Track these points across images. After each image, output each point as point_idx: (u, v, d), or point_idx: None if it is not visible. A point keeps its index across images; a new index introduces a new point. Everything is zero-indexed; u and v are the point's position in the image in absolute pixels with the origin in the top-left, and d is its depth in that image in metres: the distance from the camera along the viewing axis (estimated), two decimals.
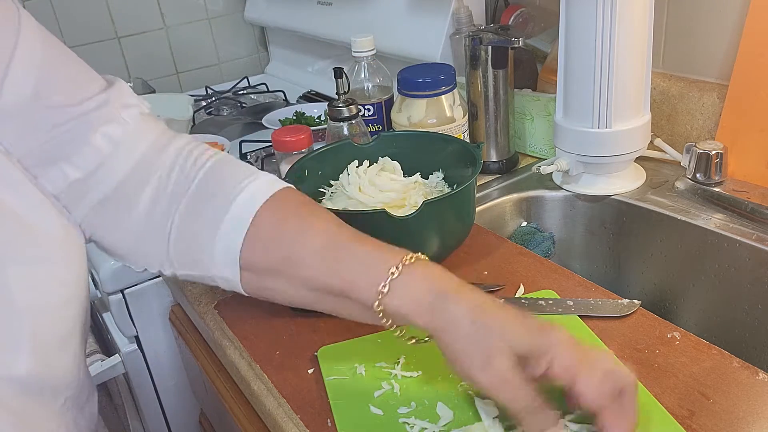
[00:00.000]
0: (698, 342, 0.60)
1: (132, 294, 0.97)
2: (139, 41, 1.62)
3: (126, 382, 1.05)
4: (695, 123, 0.92)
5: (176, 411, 1.09)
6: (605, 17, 0.78)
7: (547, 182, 0.95)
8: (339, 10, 1.37)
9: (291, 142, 0.93)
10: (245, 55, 1.78)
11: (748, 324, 0.78)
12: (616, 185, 0.89)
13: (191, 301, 0.79)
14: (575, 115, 0.86)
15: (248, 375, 0.65)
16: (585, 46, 0.81)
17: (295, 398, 0.60)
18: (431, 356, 0.62)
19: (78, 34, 1.54)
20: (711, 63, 0.90)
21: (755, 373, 0.56)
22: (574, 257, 0.95)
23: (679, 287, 0.85)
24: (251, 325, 0.71)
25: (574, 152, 0.87)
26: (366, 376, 0.60)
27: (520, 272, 0.73)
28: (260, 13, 1.66)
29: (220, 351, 0.71)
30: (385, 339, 0.65)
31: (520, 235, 0.93)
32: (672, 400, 0.54)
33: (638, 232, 0.87)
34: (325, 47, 1.51)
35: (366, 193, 0.78)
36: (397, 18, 1.20)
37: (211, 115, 1.48)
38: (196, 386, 1.00)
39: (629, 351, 0.60)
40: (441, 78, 0.92)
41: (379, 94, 1.02)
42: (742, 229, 0.77)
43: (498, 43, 0.91)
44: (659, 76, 0.95)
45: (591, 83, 0.82)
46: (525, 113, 1.01)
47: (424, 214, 0.69)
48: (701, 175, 0.85)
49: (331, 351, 0.64)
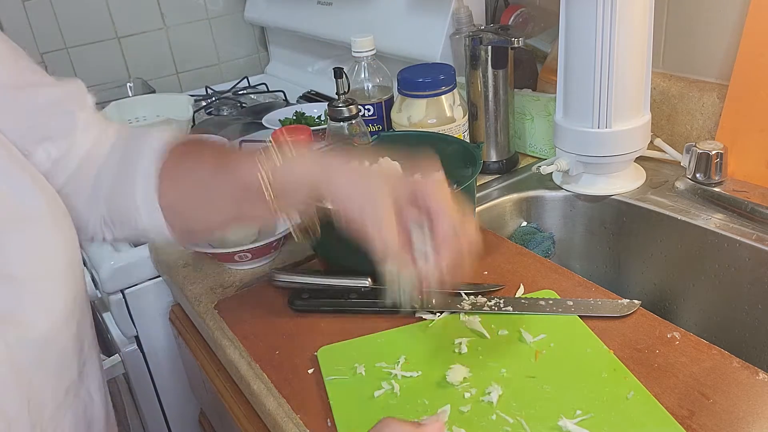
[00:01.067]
0: (698, 342, 0.60)
1: (132, 294, 0.96)
2: (139, 41, 1.62)
3: (126, 382, 1.05)
4: (695, 123, 0.92)
5: (176, 411, 1.09)
6: (605, 17, 0.78)
7: (547, 182, 0.95)
8: (339, 10, 1.37)
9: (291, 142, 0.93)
10: (245, 55, 1.78)
11: (748, 324, 0.78)
12: (616, 185, 0.89)
13: (191, 301, 0.79)
14: (575, 115, 0.86)
15: (248, 375, 0.65)
16: (585, 46, 0.81)
17: (295, 398, 0.60)
18: (431, 356, 0.62)
19: (78, 34, 1.54)
20: (711, 63, 0.90)
21: (755, 373, 0.56)
22: (574, 257, 0.95)
23: (679, 287, 0.85)
24: (251, 324, 0.71)
25: (574, 152, 0.87)
26: (366, 376, 0.60)
27: (520, 272, 0.73)
28: (260, 13, 1.66)
29: (220, 351, 0.71)
30: (385, 339, 0.65)
31: (520, 235, 0.93)
32: (672, 399, 0.54)
33: (638, 232, 0.87)
34: (325, 47, 1.51)
35: None
36: (397, 18, 1.20)
37: (211, 115, 1.48)
38: (196, 386, 1.00)
39: (629, 351, 0.60)
40: (441, 78, 0.92)
41: (379, 94, 1.02)
42: (742, 229, 0.77)
43: (498, 43, 0.91)
44: (659, 76, 0.95)
45: (591, 83, 0.82)
46: (525, 113, 1.01)
47: None
48: (701, 175, 0.85)
49: (331, 351, 0.64)
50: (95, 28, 1.55)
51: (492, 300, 0.68)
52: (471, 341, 0.63)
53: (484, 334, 0.64)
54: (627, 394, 0.55)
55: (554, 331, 0.63)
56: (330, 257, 0.76)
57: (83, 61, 1.55)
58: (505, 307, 0.67)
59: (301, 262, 0.84)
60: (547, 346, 0.62)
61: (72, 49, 1.54)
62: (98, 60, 1.57)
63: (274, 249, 0.84)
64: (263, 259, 0.83)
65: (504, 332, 0.64)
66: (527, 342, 0.62)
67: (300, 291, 0.72)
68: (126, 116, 1.33)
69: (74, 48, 1.54)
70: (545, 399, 0.55)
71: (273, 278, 0.73)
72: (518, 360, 0.60)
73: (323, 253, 0.77)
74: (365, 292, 0.70)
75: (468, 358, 0.61)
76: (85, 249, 1.02)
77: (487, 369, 0.60)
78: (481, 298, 0.69)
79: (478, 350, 0.62)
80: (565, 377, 0.58)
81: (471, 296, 0.69)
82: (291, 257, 0.85)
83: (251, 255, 0.81)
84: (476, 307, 0.67)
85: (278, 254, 0.86)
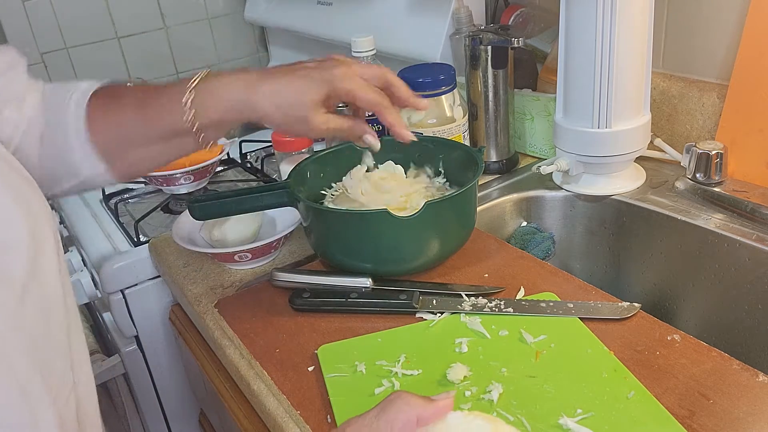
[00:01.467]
0: (698, 344, 0.60)
1: (132, 294, 0.96)
2: (139, 41, 1.62)
3: (126, 382, 1.05)
4: (695, 123, 0.92)
5: (176, 411, 1.09)
6: (605, 17, 0.78)
7: (547, 182, 0.95)
8: (339, 10, 1.37)
9: (291, 143, 0.94)
10: (245, 55, 1.78)
11: (748, 324, 0.78)
12: (616, 185, 0.89)
13: (191, 300, 0.79)
14: (575, 115, 0.86)
15: (248, 374, 0.65)
16: (585, 46, 0.81)
17: (295, 395, 0.60)
18: (431, 355, 0.62)
19: (78, 34, 1.54)
20: (711, 63, 0.90)
21: (755, 375, 0.56)
22: (574, 257, 0.96)
23: (679, 287, 0.85)
24: (251, 323, 0.71)
25: (574, 152, 0.87)
26: (366, 373, 0.60)
27: (521, 275, 0.74)
28: (260, 13, 1.66)
29: (220, 351, 0.71)
30: (385, 338, 0.65)
31: (520, 235, 0.93)
32: (672, 400, 0.54)
33: (638, 232, 0.87)
34: (325, 47, 1.50)
35: (368, 195, 0.78)
36: (397, 18, 1.20)
37: None
38: (196, 386, 1.00)
39: (630, 352, 0.60)
40: (441, 78, 0.92)
41: None
42: (742, 229, 0.77)
43: (498, 43, 0.91)
44: (659, 76, 0.95)
45: (591, 83, 0.82)
46: (525, 113, 1.01)
47: (426, 215, 0.69)
48: (701, 175, 0.85)
49: (331, 349, 0.64)
50: (95, 28, 1.55)
51: (492, 301, 0.68)
52: (471, 341, 0.63)
53: (485, 335, 0.64)
54: (627, 393, 0.55)
55: (555, 333, 0.63)
56: (330, 257, 0.76)
57: (83, 61, 1.55)
58: (506, 309, 0.67)
59: (301, 261, 0.84)
60: (548, 346, 0.62)
61: (72, 49, 1.53)
62: (98, 60, 1.57)
63: (274, 249, 0.84)
64: (263, 259, 0.83)
65: (504, 333, 0.64)
66: (528, 342, 0.62)
67: (301, 290, 0.72)
68: None
69: (74, 48, 1.54)
70: (546, 398, 0.56)
71: (274, 278, 0.74)
72: (519, 360, 0.60)
73: (323, 253, 0.77)
74: (365, 292, 0.70)
75: (468, 358, 0.61)
76: (85, 248, 1.03)
77: (487, 368, 0.60)
78: (481, 299, 0.69)
79: (478, 350, 0.62)
80: (565, 377, 0.58)
81: (471, 298, 0.69)
82: (291, 257, 0.85)
83: (251, 255, 0.81)
84: (477, 308, 0.68)
85: (278, 254, 0.86)
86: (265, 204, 0.77)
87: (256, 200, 0.77)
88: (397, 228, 0.70)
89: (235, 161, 1.21)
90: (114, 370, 1.01)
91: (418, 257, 0.73)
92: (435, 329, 0.66)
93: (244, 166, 1.19)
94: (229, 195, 0.78)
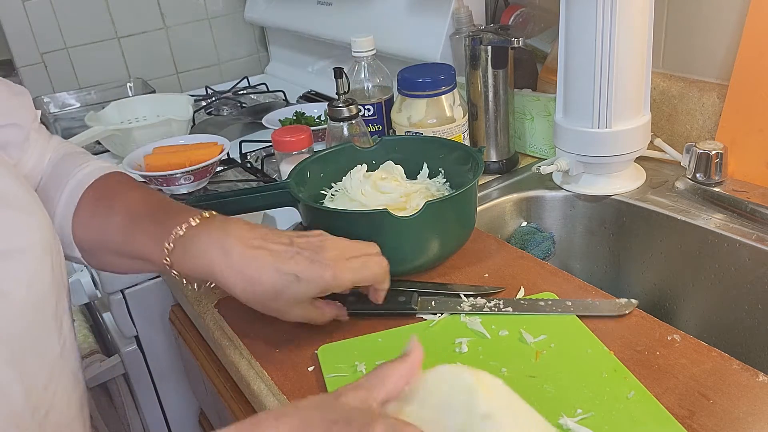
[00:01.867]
0: (698, 344, 0.60)
1: (132, 294, 0.97)
2: (139, 41, 1.62)
3: (126, 382, 1.05)
4: (695, 123, 0.92)
5: (176, 411, 1.09)
6: (605, 17, 0.78)
7: (547, 182, 0.95)
8: (339, 10, 1.37)
9: (291, 142, 0.93)
10: (245, 55, 1.78)
11: (748, 324, 0.78)
12: (616, 185, 0.89)
13: (191, 301, 0.79)
14: (575, 115, 0.86)
15: (248, 374, 0.65)
16: (585, 46, 0.81)
17: (295, 394, 0.60)
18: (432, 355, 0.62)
19: (78, 34, 1.54)
20: (711, 63, 0.90)
21: (755, 375, 0.56)
22: (574, 257, 0.96)
23: (679, 287, 0.85)
24: (251, 323, 0.71)
25: (574, 152, 0.87)
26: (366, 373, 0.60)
27: (521, 275, 0.73)
28: (260, 13, 1.66)
29: (220, 351, 0.71)
30: (385, 338, 0.65)
31: (520, 235, 0.93)
32: (672, 400, 0.54)
33: (638, 232, 0.87)
34: (325, 47, 1.51)
35: (368, 195, 0.78)
36: (397, 18, 1.20)
37: (211, 115, 1.48)
38: (195, 386, 1.00)
39: (629, 352, 0.60)
40: (441, 78, 0.92)
41: (379, 94, 1.02)
42: (742, 229, 0.77)
43: (498, 43, 0.91)
44: (659, 76, 0.95)
45: (591, 83, 0.82)
46: (525, 113, 1.01)
47: (425, 215, 0.69)
48: (701, 175, 0.85)
49: (331, 349, 0.64)
50: (95, 28, 1.55)
51: (492, 301, 0.68)
52: (471, 341, 0.63)
53: (485, 335, 0.64)
54: (627, 393, 0.55)
55: (555, 333, 0.63)
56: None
57: (83, 61, 1.56)
58: (505, 308, 0.67)
59: None
60: (548, 346, 0.62)
61: (72, 49, 1.54)
62: (98, 60, 1.57)
63: None
64: None
65: (504, 333, 0.64)
66: (528, 342, 0.62)
67: None
68: (126, 116, 1.33)
69: (74, 48, 1.54)
70: (546, 398, 0.55)
71: None
72: (519, 360, 0.60)
73: None
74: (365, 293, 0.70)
75: (468, 358, 0.61)
76: None
77: (487, 368, 0.59)
78: (480, 299, 0.69)
79: (478, 350, 0.62)
80: (565, 377, 0.58)
81: (471, 298, 0.69)
82: None
83: None
84: (476, 308, 0.67)
85: None
86: (265, 204, 0.77)
87: (256, 200, 0.77)
88: (397, 228, 0.70)
89: (235, 161, 1.21)
90: (114, 370, 1.01)
91: (418, 257, 0.73)
92: (435, 329, 0.66)
93: (244, 166, 1.19)
94: (229, 195, 0.78)
